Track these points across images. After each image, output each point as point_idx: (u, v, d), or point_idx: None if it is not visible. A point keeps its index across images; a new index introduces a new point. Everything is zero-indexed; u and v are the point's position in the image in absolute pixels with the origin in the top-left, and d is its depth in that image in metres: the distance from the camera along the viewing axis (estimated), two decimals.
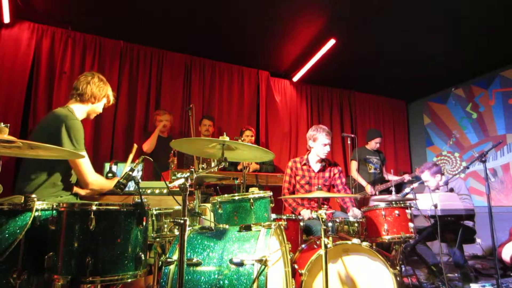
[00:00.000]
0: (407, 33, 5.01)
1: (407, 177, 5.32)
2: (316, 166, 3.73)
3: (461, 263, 3.92)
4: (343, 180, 3.77)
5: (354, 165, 5.61)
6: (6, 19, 4.42)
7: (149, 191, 2.94)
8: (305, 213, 3.36)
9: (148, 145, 4.61)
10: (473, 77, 6.62)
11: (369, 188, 5.36)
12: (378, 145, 5.70)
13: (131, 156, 3.00)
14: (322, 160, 3.75)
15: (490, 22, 4.74)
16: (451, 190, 4.28)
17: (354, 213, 3.26)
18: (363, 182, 5.46)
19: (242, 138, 4.96)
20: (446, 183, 4.33)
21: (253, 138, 5.23)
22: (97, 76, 2.64)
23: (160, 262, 1.87)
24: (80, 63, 4.87)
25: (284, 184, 3.75)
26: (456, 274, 3.99)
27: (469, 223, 4.03)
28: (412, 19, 4.68)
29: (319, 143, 3.64)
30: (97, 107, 2.69)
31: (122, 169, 3.57)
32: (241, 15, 4.66)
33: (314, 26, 4.91)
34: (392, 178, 5.54)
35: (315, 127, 3.74)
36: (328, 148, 3.65)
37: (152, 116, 5.12)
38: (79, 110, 2.57)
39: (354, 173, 5.56)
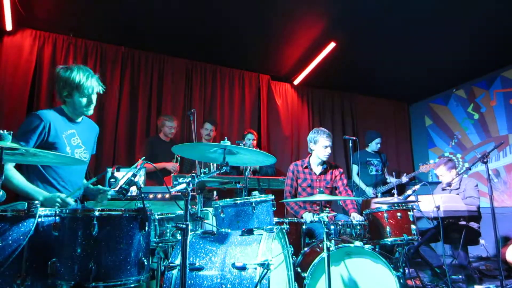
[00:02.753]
0: (407, 35, 5.02)
1: (404, 179, 5.31)
2: (317, 169, 3.73)
3: (465, 264, 3.90)
4: (345, 181, 3.76)
5: (355, 169, 5.59)
6: (9, 26, 4.46)
7: (151, 196, 2.94)
8: (307, 216, 3.35)
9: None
10: (474, 78, 6.61)
11: (369, 191, 5.35)
12: (379, 145, 5.67)
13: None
14: (323, 163, 3.74)
15: (491, 23, 4.74)
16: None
17: (355, 219, 3.25)
18: (363, 186, 5.45)
19: (244, 142, 4.95)
20: (449, 185, 4.32)
21: (255, 141, 5.22)
22: (61, 69, 2.35)
23: (163, 267, 1.87)
24: None
25: (285, 188, 3.75)
26: (460, 276, 3.97)
27: (473, 224, 4.01)
28: (412, 21, 4.69)
29: (319, 145, 3.64)
30: (76, 102, 2.37)
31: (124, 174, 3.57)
32: (241, 20, 4.68)
33: (314, 30, 4.92)
34: (391, 180, 5.52)
35: (316, 129, 3.74)
36: (329, 150, 3.65)
37: (153, 120, 5.13)
38: (65, 110, 2.46)
39: (355, 177, 5.54)
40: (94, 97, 2.44)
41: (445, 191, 4.35)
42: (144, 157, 2.09)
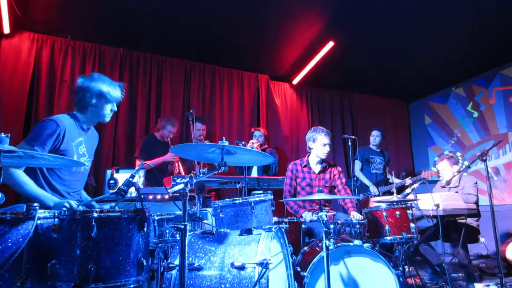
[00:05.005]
0: (406, 33, 5.01)
1: (408, 181, 5.28)
2: (316, 168, 3.74)
3: (465, 262, 3.90)
4: (343, 180, 3.77)
5: (357, 165, 5.58)
6: (6, 29, 4.46)
7: (150, 197, 2.95)
8: (307, 216, 3.36)
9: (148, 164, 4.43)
10: (474, 76, 6.62)
11: (373, 189, 5.34)
12: (376, 139, 5.64)
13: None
14: (322, 161, 3.75)
15: (490, 20, 4.74)
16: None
17: (355, 218, 3.26)
18: (367, 182, 5.43)
19: (252, 141, 4.92)
20: (449, 183, 4.32)
21: (261, 138, 5.20)
22: (85, 79, 2.45)
23: (162, 267, 1.88)
24: (80, 71, 4.90)
25: (285, 187, 3.76)
26: (460, 274, 3.97)
27: (473, 222, 4.01)
28: (411, 19, 4.69)
29: (318, 143, 3.65)
30: (101, 109, 2.46)
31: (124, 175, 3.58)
32: (239, 20, 4.68)
33: (312, 29, 4.92)
34: (394, 180, 5.50)
35: (314, 128, 3.76)
36: (327, 148, 3.66)
37: (152, 122, 5.14)
38: (79, 117, 2.50)
39: (357, 173, 5.54)
40: (115, 105, 2.55)
41: (444, 189, 4.36)
42: (142, 163, 2.10)
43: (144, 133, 5.20)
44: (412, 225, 2.82)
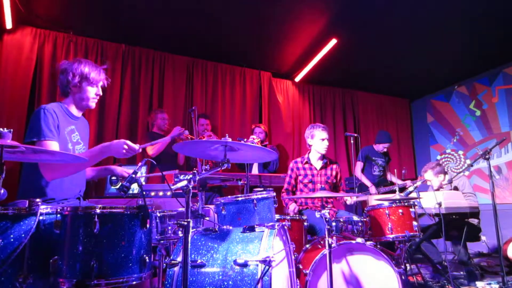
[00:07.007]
0: (409, 31, 4.99)
1: (411, 188, 5.22)
2: (317, 164, 3.75)
3: (466, 261, 3.90)
4: (342, 182, 3.91)
5: (359, 165, 5.58)
6: (9, 25, 4.45)
7: (153, 194, 2.94)
8: (291, 207, 3.53)
9: (155, 150, 4.50)
10: (476, 74, 6.60)
11: (373, 190, 5.34)
12: (385, 149, 5.67)
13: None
14: (323, 157, 3.77)
15: (493, 18, 4.72)
16: (455, 188, 4.26)
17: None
18: (367, 183, 5.43)
19: (253, 137, 4.92)
20: (450, 182, 4.30)
21: (262, 134, 5.21)
22: (68, 62, 2.40)
23: (164, 264, 1.87)
24: None
25: (284, 185, 3.80)
26: (461, 272, 3.97)
27: (474, 220, 4.01)
28: (414, 17, 4.67)
29: (317, 139, 3.69)
30: (85, 91, 2.40)
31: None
32: (242, 17, 4.66)
33: (315, 26, 4.90)
34: (396, 181, 5.48)
35: (311, 125, 3.84)
36: (326, 143, 3.70)
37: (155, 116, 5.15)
38: (66, 105, 2.45)
39: (358, 173, 5.53)
40: (100, 89, 2.48)
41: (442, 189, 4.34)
42: (145, 160, 2.09)
43: (146, 129, 5.20)
44: (414, 223, 2.81)
